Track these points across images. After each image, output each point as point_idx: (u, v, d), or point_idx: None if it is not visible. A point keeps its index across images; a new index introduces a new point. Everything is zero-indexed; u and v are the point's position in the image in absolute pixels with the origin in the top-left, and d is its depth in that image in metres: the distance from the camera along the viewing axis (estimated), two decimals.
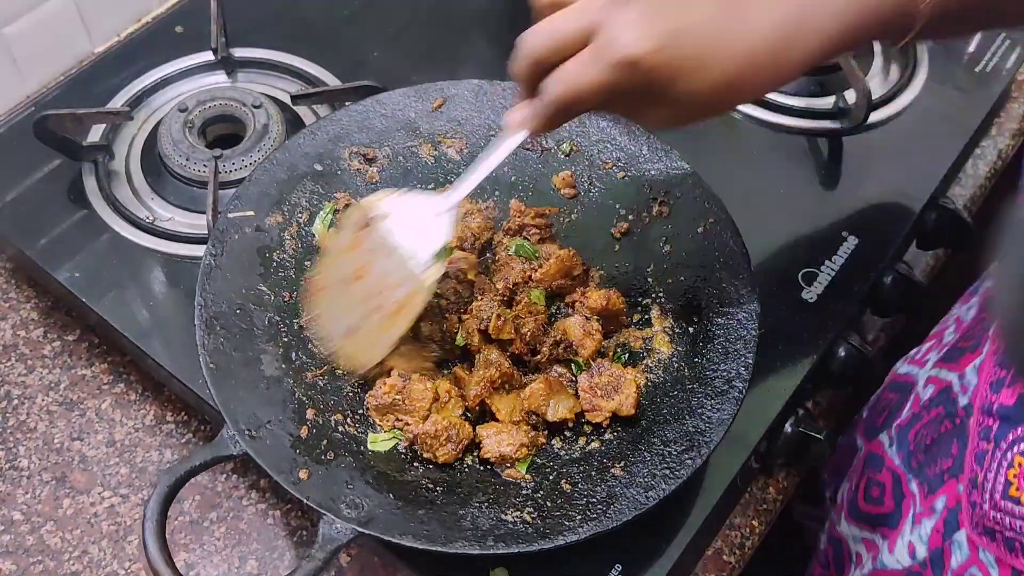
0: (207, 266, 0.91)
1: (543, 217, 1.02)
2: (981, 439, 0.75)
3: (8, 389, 1.03)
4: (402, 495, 0.82)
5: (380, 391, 0.89)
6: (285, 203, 0.99)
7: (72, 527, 0.95)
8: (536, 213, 1.02)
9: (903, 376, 1.01)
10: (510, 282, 0.96)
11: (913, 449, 0.92)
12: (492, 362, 0.90)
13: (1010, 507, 0.71)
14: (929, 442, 0.89)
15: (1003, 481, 0.72)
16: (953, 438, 0.85)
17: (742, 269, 0.93)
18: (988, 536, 0.73)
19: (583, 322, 0.94)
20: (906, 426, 0.93)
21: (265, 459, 0.79)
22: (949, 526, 0.82)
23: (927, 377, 0.94)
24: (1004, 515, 0.72)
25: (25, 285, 1.11)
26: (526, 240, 1.01)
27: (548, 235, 1.02)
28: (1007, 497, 0.71)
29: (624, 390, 0.89)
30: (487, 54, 1.28)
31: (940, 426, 0.87)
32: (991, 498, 0.73)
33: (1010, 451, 0.72)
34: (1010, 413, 0.73)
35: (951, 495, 0.83)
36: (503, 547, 0.77)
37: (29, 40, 1.20)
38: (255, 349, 0.89)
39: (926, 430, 0.90)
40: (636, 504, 0.80)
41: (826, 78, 1.23)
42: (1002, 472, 0.72)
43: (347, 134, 1.04)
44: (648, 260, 1.00)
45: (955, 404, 0.86)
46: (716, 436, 0.83)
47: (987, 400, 0.75)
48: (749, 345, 0.88)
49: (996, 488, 0.73)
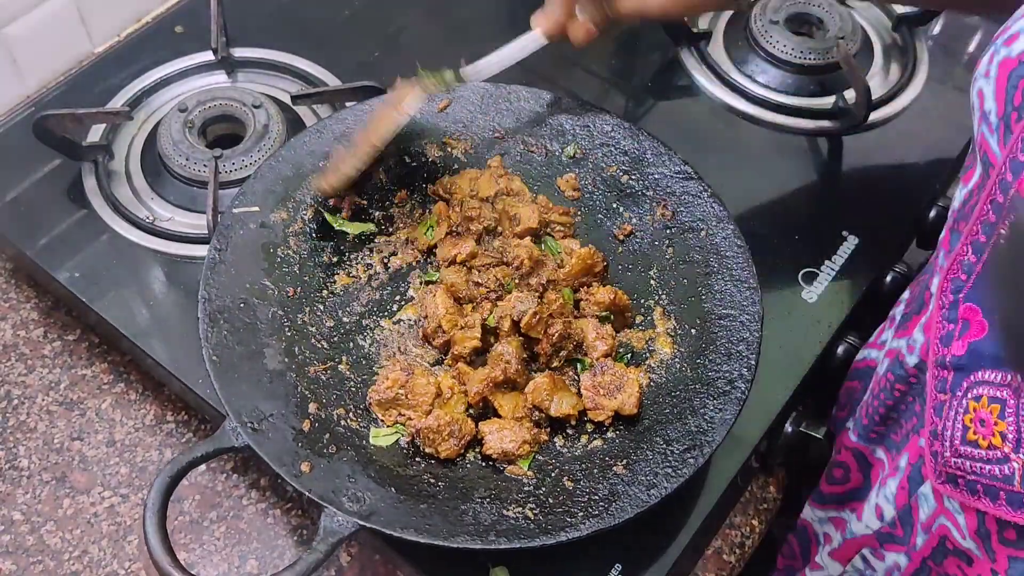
0: (211, 260, 0.91)
1: (567, 215, 1.03)
2: (938, 391, 0.77)
3: (8, 389, 1.03)
4: (404, 489, 0.82)
5: (383, 386, 0.89)
6: (290, 200, 0.99)
7: (72, 527, 0.94)
8: (562, 211, 1.03)
9: (861, 362, 1.02)
10: (544, 279, 0.96)
11: (867, 423, 0.93)
12: (502, 358, 0.90)
13: (969, 451, 0.73)
14: (883, 411, 0.90)
15: (961, 427, 0.74)
16: (912, 398, 0.87)
17: (745, 271, 0.94)
18: (951, 483, 0.75)
19: (597, 325, 0.94)
20: (863, 405, 0.95)
21: (267, 452, 0.79)
22: (913, 482, 0.83)
23: (884, 354, 0.95)
24: (964, 460, 0.73)
25: (25, 285, 1.11)
26: (550, 236, 1.02)
27: (570, 233, 1.03)
28: (966, 442, 0.73)
29: (627, 389, 0.89)
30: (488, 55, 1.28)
31: (893, 392, 0.89)
32: (951, 445, 0.74)
33: (965, 398, 0.74)
34: (963, 363, 0.75)
35: (913, 451, 0.84)
36: (505, 542, 0.77)
37: (29, 40, 1.20)
38: (258, 343, 0.89)
39: (877, 400, 0.91)
40: (638, 502, 0.81)
41: (826, 78, 1.23)
42: (959, 419, 0.74)
43: (352, 133, 1.04)
44: (651, 262, 1.00)
45: (903, 366, 0.87)
46: (718, 436, 0.84)
47: (939, 354, 0.77)
48: (752, 346, 0.89)
49: (955, 435, 0.74)
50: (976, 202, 0.73)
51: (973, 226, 0.73)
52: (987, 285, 0.73)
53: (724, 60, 1.27)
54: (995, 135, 0.70)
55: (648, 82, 1.26)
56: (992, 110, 0.70)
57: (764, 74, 1.25)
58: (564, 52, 1.28)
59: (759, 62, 1.25)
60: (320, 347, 0.93)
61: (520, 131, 1.07)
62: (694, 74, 1.26)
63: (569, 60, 1.28)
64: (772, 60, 1.25)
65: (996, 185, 0.70)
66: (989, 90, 0.70)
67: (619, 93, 1.26)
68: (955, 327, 0.76)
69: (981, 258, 0.73)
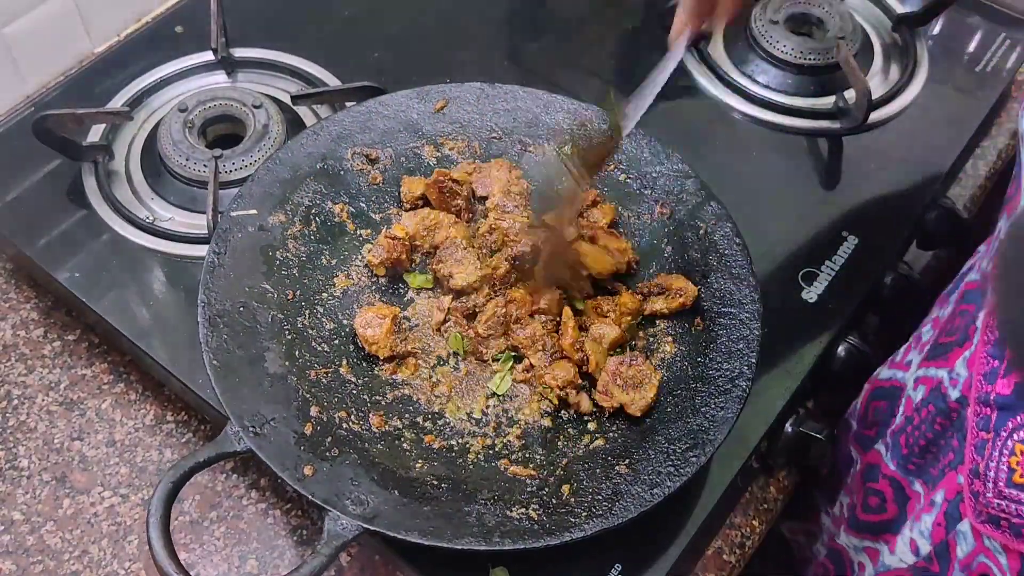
0: (210, 264, 0.91)
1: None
2: (980, 429, 0.76)
3: (8, 389, 1.02)
4: (407, 492, 0.82)
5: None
6: (288, 202, 0.99)
7: (72, 527, 0.94)
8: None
9: (887, 381, 1.02)
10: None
11: (907, 453, 0.92)
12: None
13: (1015, 494, 0.72)
14: (924, 443, 0.89)
15: (1006, 469, 0.73)
16: (951, 433, 0.85)
17: (744, 269, 0.94)
18: (993, 524, 0.74)
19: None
20: (898, 431, 0.94)
21: (270, 456, 0.79)
22: (951, 518, 0.82)
23: (916, 378, 0.94)
24: (1009, 502, 0.72)
25: (25, 285, 1.11)
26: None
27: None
28: (1011, 484, 0.72)
29: (644, 391, 0.89)
30: (488, 56, 1.28)
31: (934, 425, 0.88)
32: (995, 486, 0.73)
33: (1010, 439, 0.73)
34: (1008, 402, 0.74)
35: (950, 487, 0.83)
36: (509, 543, 0.77)
37: (29, 40, 1.20)
38: (259, 347, 0.89)
39: (919, 431, 0.90)
40: (641, 501, 0.81)
41: (826, 78, 1.23)
42: (1004, 460, 0.73)
43: (350, 134, 1.04)
44: (650, 260, 1.00)
45: (946, 399, 0.86)
46: (720, 434, 0.84)
47: (982, 391, 0.76)
48: (752, 344, 0.89)
49: (999, 476, 0.73)
50: None
51: None
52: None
53: (724, 60, 1.27)
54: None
55: None
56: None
57: (764, 74, 1.25)
58: (564, 52, 1.29)
59: (759, 62, 1.25)
60: (321, 350, 0.93)
61: (517, 131, 1.07)
62: (694, 74, 1.26)
63: (568, 60, 1.28)
64: (772, 60, 1.25)
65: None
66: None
67: (619, 93, 1.25)
68: (1000, 364, 0.75)
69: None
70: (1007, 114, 1.28)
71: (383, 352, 0.93)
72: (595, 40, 1.30)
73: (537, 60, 1.29)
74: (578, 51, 1.08)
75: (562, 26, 1.33)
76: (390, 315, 0.93)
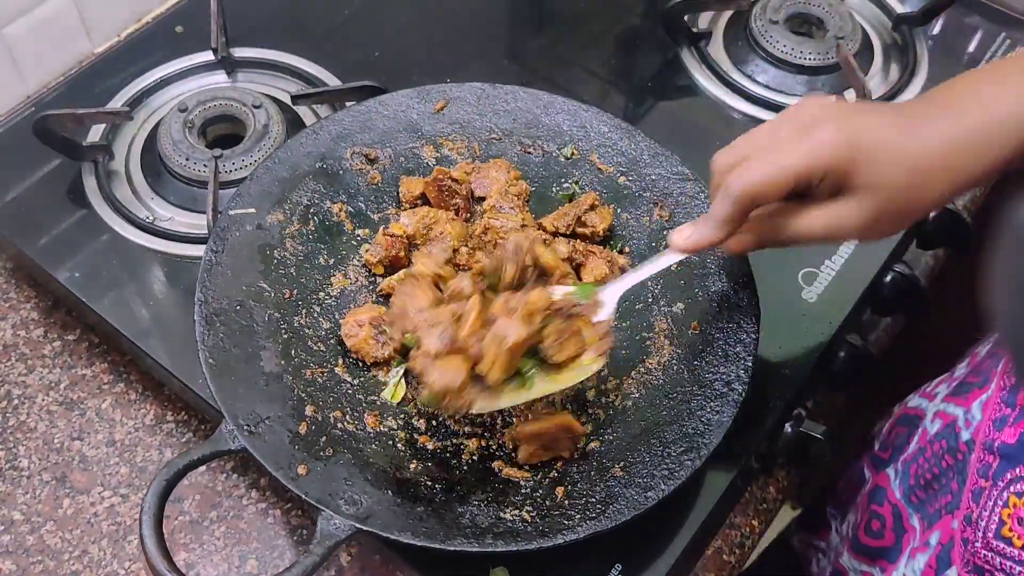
0: (208, 263, 0.91)
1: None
2: (979, 476, 0.75)
3: (8, 389, 1.03)
4: (401, 492, 0.82)
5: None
6: (287, 201, 0.99)
7: (72, 527, 0.95)
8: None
9: (912, 410, 1.01)
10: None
11: (914, 484, 0.92)
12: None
13: (1001, 547, 0.71)
14: (930, 477, 0.89)
15: (997, 520, 0.72)
16: (953, 474, 0.85)
17: (742, 273, 0.94)
18: (977, 574, 0.73)
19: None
20: (910, 460, 0.93)
21: (264, 455, 0.79)
22: (942, 562, 0.82)
23: (935, 411, 0.93)
24: (995, 555, 0.72)
25: (25, 285, 1.11)
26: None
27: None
28: (999, 537, 0.72)
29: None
30: (488, 55, 1.28)
31: (942, 461, 0.87)
32: (984, 536, 0.73)
33: (1007, 490, 0.73)
34: (1011, 452, 0.73)
35: (945, 531, 0.83)
36: (502, 545, 0.77)
37: (29, 40, 1.20)
38: (255, 346, 0.89)
39: (928, 464, 0.90)
40: (635, 504, 0.81)
41: (826, 78, 1.23)
42: (997, 510, 0.73)
43: (349, 134, 1.04)
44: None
45: (958, 439, 0.85)
46: (715, 438, 0.84)
47: (989, 437, 0.75)
48: (748, 348, 0.89)
49: (990, 526, 0.73)
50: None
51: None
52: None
53: (724, 60, 1.27)
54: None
55: (648, 82, 1.26)
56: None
57: (764, 74, 1.25)
58: (563, 52, 1.29)
59: (759, 62, 1.25)
60: (317, 350, 0.93)
61: (517, 132, 1.07)
62: (694, 74, 1.26)
63: (569, 60, 1.28)
64: (772, 60, 1.25)
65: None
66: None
67: (619, 93, 1.26)
68: (1012, 412, 0.74)
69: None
70: None
71: (368, 359, 0.93)
72: (595, 40, 1.30)
73: (537, 60, 1.29)
74: (578, 51, 1.08)
75: (562, 26, 1.33)
76: (368, 318, 0.93)
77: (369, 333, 0.92)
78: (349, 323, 0.93)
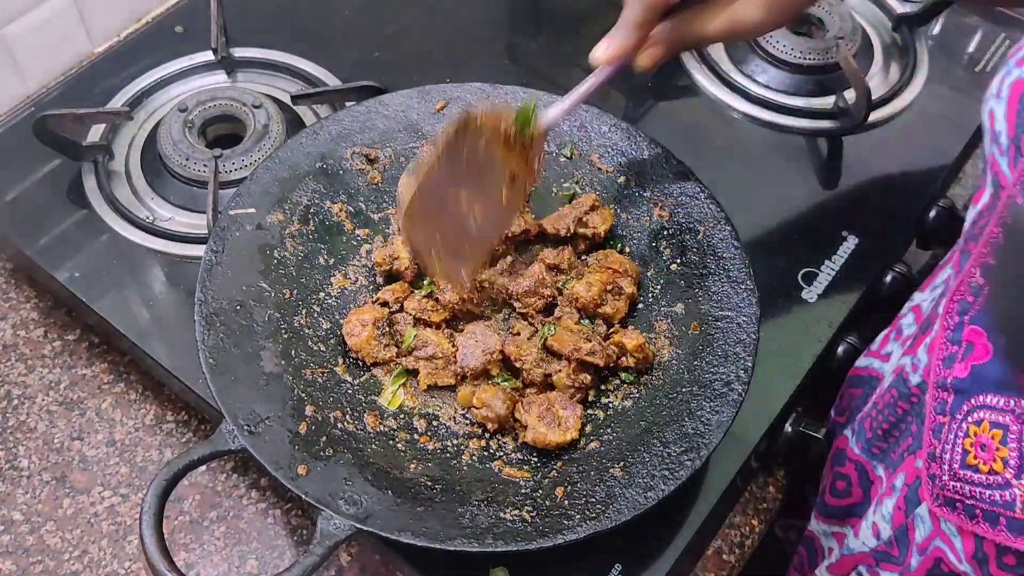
0: (208, 263, 0.91)
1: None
2: (937, 413, 0.77)
3: (8, 389, 1.03)
4: (401, 492, 0.82)
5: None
6: (287, 201, 0.99)
7: (72, 527, 0.95)
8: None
9: (863, 370, 1.02)
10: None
11: (871, 437, 0.92)
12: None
13: (969, 475, 0.72)
14: (887, 426, 0.90)
15: (960, 451, 0.74)
16: (911, 418, 0.86)
17: (742, 273, 0.93)
18: (949, 507, 0.75)
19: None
20: (864, 416, 0.94)
21: (264, 455, 0.79)
22: (910, 502, 0.83)
23: (893, 368, 0.94)
24: (963, 484, 0.73)
25: (25, 285, 1.11)
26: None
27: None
28: (965, 466, 0.73)
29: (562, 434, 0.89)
30: (488, 55, 1.28)
31: (896, 408, 0.88)
32: (950, 468, 0.74)
33: (965, 421, 0.74)
34: (964, 386, 0.74)
35: (910, 472, 0.84)
36: (502, 545, 0.77)
37: (29, 40, 1.20)
38: (255, 346, 0.89)
39: (881, 415, 0.91)
40: (635, 504, 0.81)
41: (826, 78, 1.23)
42: (959, 442, 0.74)
43: (350, 134, 1.04)
44: (647, 263, 1.00)
45: (907, 384, 0.87)
46: (715, 438, 0.84)
47: (940, 375, 0.77)
48: (748, 348, 0.89)
49: (954, 458, 0.74)
50: (986, 223, 0.73)
51: (982, 248, 0.73)
52: (993, 304, 0.73)
53: (724, 60, 1.27)
54: (1005, 157, 0.69)
55: (648, 82, 1.26)
56: (1003, 131, 0.69)
57: (764, 74, 1.25)
58: (563, 52, 1.29)
59: (759, 62, 1.25)
60: (317, 350, 0.93)
61: None
62: (694, 74, 1.26)
63: (569, 60, 1.28)
64: (772, 60, 1.25)
65: (1006, 207, 0.69)
66: (1000, 111, 0.70)
67: (619, 93, 1.26)
68: (959, 349, 0.75)
69: (989, 280, 0.72)
70: None
71: (368, 359, 0.93)
72: (595, 40, 1.29)
73: (537, 60, 1.29)
74: (578, 51, 1.08)
75: (562, 26, 1.33)
76: (371, 320, 0.93)
77: (372, 333, 0.92)
78: (352, 322, 0.93)
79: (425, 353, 0.93)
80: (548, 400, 0.89)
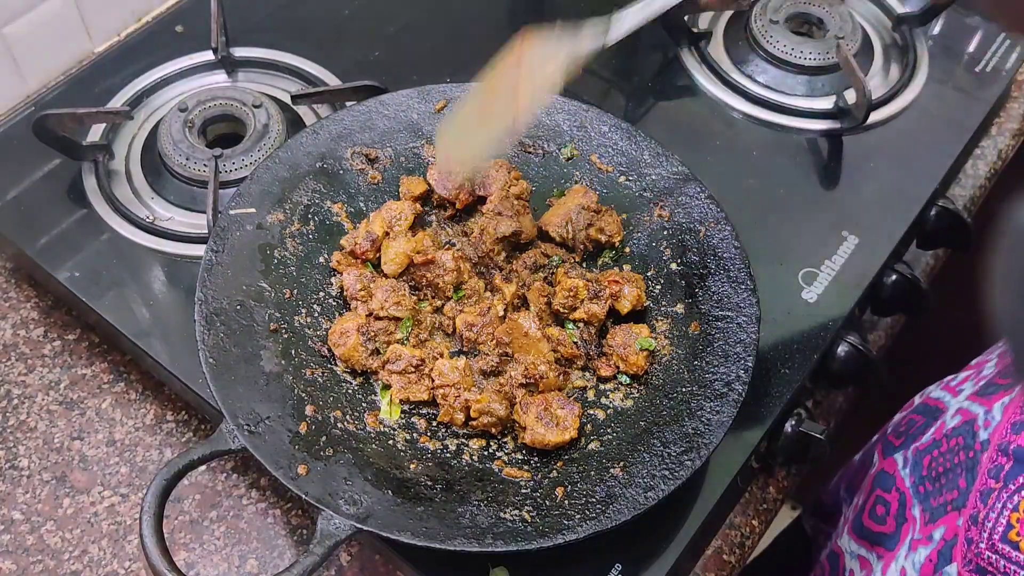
0: (208, 262, 0.91)
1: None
2: (990, 477, 0.75)
3: (8, 389, 1.03)
4: (401, 492, 0.82)
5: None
6: (287, 201, 0.99)
7: (72, 527, 0.95)
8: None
9: (934, 401, 1.00)
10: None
11: (925, 475, 0.91)
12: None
13: (1007, 550, 0.71)
14: (941, 471, 0.89)
15: (1005, 523, 0.72)
16: (962, 471, 0.85)
17: (742, 273, 0.94)
18: (978, 575, 0.73)
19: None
20: (924, 450, 0.93)
21: (264, 454, 0.80)
22: (943, 558, 0.82)
23: (958, 407, 0.93)
24: (999, 557, 0.72)
25: (25, 285, 1.11)
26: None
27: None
28: (1006, 540, 0.71)
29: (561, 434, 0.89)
30: (488, 55, 1.28)
31: (955, 456, 0.87)
32: (989, 538, 0.73)
33: (1017, 494, 0.72)
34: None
35: (950, 527, 0.83)
36: (502, 545, 0.77)
37: (29, 40, 1.20)
38: (255, 345, 0.89)
39: (943, 458, 0.89)
40: (635, 504, 0.81)
41: (826, 78, 1.23)
42: (1005, 513, 0.73)
43: (350, 134, 1.04)
44: (648, 263, 1.00)
45: (975, 437, 0.85)
46: (715, 438, 0.84)
47: (1005, 439, 0.75)
48: (748, 348, 0.89)
49: (996, 528, 0.72)
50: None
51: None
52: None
53: (724, 60, 1.27)
54: None
55: (648, 82, 1.26)
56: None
57: (764, 74, 1.25)
58: None
59: (759, 62, 1.25)
60: (316, 349, 0.93)
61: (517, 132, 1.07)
62: (694, 74, 1.26)
63: None
64: (772, 60, 1.25)
65: None
66: None
67: (619, 93, 1.26)
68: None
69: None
70: (1007, 114, 1.28)
71: (358, 367, 0.93)
72: None
73: None
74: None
75: (562, 25, 1.32)
76: (353, 326, 0.92)
77: (357, 341, 0.92)
78: (335, 333, 0.93)
79: (397, 367, 0.92)
80: (546, 400, 0.89)
